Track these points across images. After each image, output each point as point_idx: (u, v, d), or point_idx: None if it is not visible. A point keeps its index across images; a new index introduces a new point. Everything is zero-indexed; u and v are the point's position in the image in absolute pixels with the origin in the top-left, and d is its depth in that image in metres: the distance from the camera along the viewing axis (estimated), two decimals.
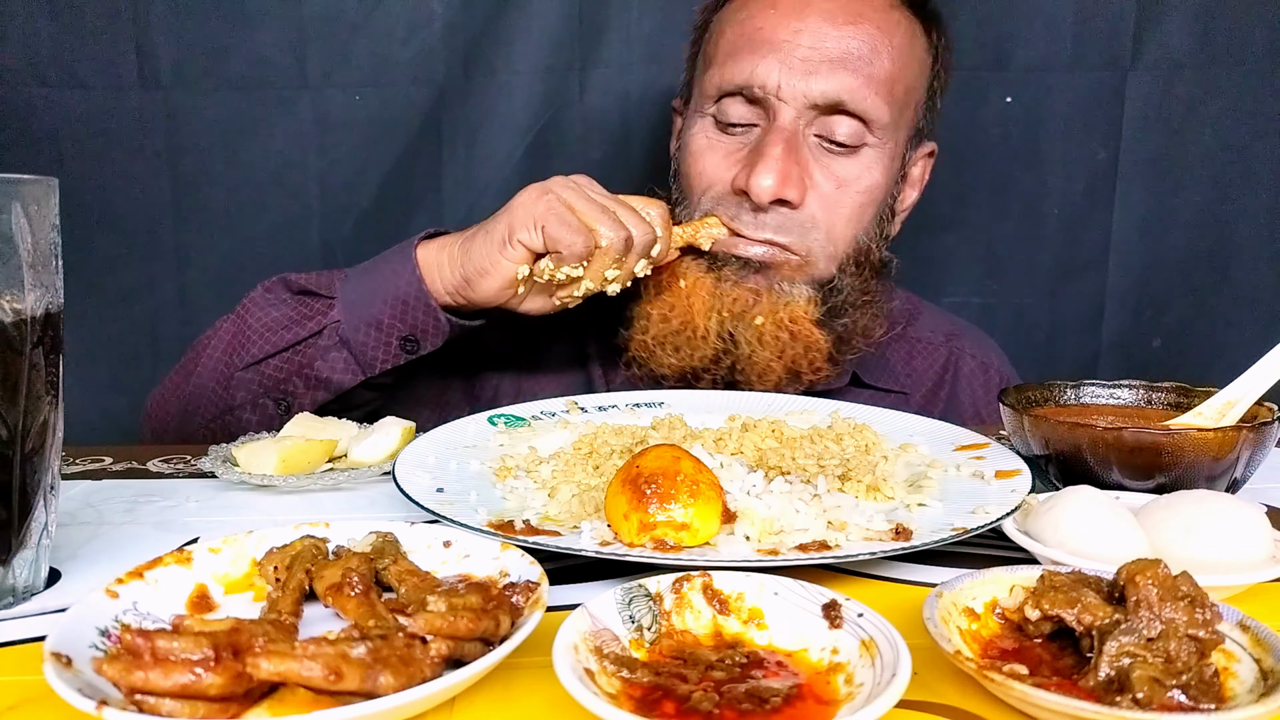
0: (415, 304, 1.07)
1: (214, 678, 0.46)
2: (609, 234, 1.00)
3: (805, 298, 1.11)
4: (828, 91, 1.07)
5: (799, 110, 1.08)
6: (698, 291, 1.11)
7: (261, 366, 1.10)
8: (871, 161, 1.12)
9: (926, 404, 1.30)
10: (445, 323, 1.08)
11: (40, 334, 0.61)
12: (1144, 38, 1.58)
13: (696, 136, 1.16)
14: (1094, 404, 0.96)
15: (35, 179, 0.61)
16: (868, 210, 1.14)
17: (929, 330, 1.35)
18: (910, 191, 1.25)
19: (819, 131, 1.10)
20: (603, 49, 1.59)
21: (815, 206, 1.10)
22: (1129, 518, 0.69)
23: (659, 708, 0.48)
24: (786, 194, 1.08)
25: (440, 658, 0.50)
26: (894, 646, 0.50)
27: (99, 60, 1.53)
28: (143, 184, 1.58)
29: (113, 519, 0.82)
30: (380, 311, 1.08)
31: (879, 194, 1.14)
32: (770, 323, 1.10)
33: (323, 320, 1.09)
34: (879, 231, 1.17)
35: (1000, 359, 1.37)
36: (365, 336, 1.08)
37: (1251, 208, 1.63)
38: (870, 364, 1.28)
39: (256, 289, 1.16)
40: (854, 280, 1.14)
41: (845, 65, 1.07)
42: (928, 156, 1.25)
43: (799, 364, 1.12)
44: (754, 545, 0.69)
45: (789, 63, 1.07)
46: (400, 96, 1.58)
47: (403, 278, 1.07)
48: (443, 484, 0.81)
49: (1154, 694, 0.48)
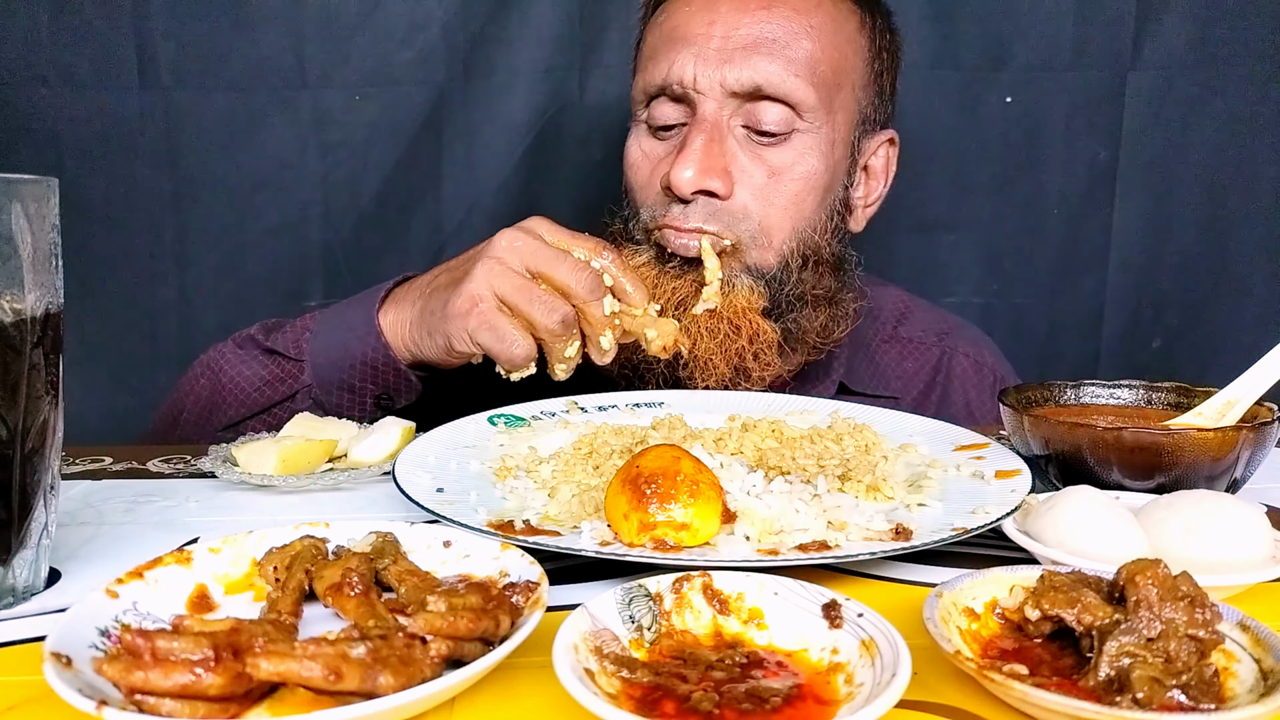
0: (384, 368, 1.05)
1: (214, 678, 0.46)
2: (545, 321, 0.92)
3: (748, 287, 1.09)
4: (743, 78, 1.06)
5: (719, 101, 1.07)
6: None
7: (241, 426, 1.09)
8: (805, 148, 1.09)
9: (917, 406, 1.28)
10: (417, 381, 1.07)
11: (40, 334, 0.61)
12: (1144, 38, 1.58)
13: (631, 147, 1.16)
14: (1094, 404, 0.96)
15: (35, 179, 0.61)
16: (807, 199, 1.10)
17: (920, 330, 1.33)
18: (874, 184, 1.22)
19: (745, 122, 1.08)
20: (603, 49, 1.59)
21: (747, 197, 1.08)
22: (1129, 518, 0.69)
23: (659, 708, 0.48)
24: (708, 184, 1.06)
25: (440, 658, 0.50)
26: (894, 646, 0.50)
27: (99, 60, 1.53)
28: (143, 184, 1.58)
29: (113, 519, 0.82)
30: (350, 375, 1.06)
31: (818, 181, 1.11)
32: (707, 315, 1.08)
33: (294, 385, 1.09)
34: (829, 225, 1.14)
35: (995, 356, 1.35)
36: (338, 399, 1.08)
37: (1251, 208, 1.64)
38: (859, 369, 1.27)
39: (228, 343, 1.14)
40: (803, 275, 1.12)
41: (759, 50, 1.06)
42: (888, 144, 1.22)
43: (744, 357, 1.10)
44: (754, 545, 0.69)
45: (704, 55, 1.07)
46: (400, 96, 1.58)
47: (368, 343, 1.05)
48: (443, 484, 0.81)
49: (1154, 694, 0.48)
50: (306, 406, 1.07)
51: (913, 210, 1.65)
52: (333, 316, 1.11)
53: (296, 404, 1.08)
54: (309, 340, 1.10)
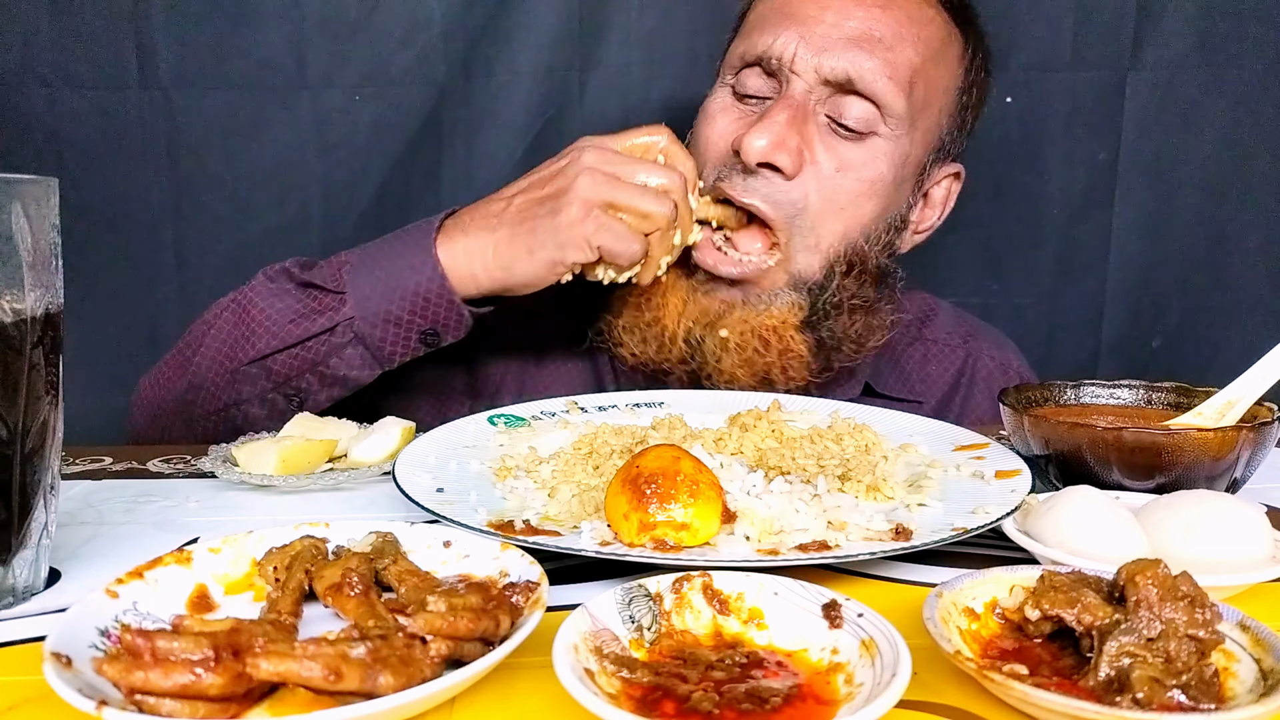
0: (438, 300, 1.04)
1: (214, 678, 0.46)
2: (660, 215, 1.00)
3: (787, 304, 1.09)
4: (838, 68, 1.05)
5: (810, 85, 1.07)
6: (674, 292, 1.11)
7: (269, 362, 1.06)
8: (879, 152, 1.09)
9: (941, 409, 1.28)
10: (469, 316, 1.06)
11: (40, 334, 0.61)
12: (1144, 38, 1.58)
13: (712, 102, 1.16)
14: (1094, 404, 0.96)
15: (35, 179, 0.61)
16: (866, 204, 1.10)
17: (945, 332, 1.33)
18: (930, 212, 1.21)
19: (830, 111, 1.08)
20: (603, 49, 1.59)
21: (810, 184, 1.07)
22: (1129, 518, 0.69)
23: (659, 708, 0.48)
24: (777, 159, 1.05)
25: (440, 658, 0.50)
26: (894, 646, 0.50)
27: (99, 60, 1.53)
28: (143, 184, 1.57)
29: (113, 519, 0.82)
30: (399, 307, 1.04)
31: (882, 189, 1.10)
32: (736, 334, 1.08)
33: (335, 316, 1.05)
34: (882, 236, 1.13)
35: (1019, 359, 1.35)
36: (383, 333, 1.05)
37: (1251, 208, 1.63)
38: (884, 371, 1.26)
39: (258, 276, 1.11)
40: (845, 282, 1.11)
41: (863, 45, 1.06)
42: (953, 178, 1.21)
43: (771, 371, 1.10)
44: (754, 545, 0.69)
45: (808, 37, 1.07)
46: (400, 97, 1.58)
47: (423, 274, 1.03)
48: (443, 484, 0.81)
49: (1154, 694, 0.48)
50: (348, 341, 1.05)
51: None
52: (376, 250, 1.08)
53: (336, 336, 1.05)
54: (348, 273, 1.07)
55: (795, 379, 1.11)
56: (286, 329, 1.06)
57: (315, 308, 1.07)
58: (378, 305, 1.05)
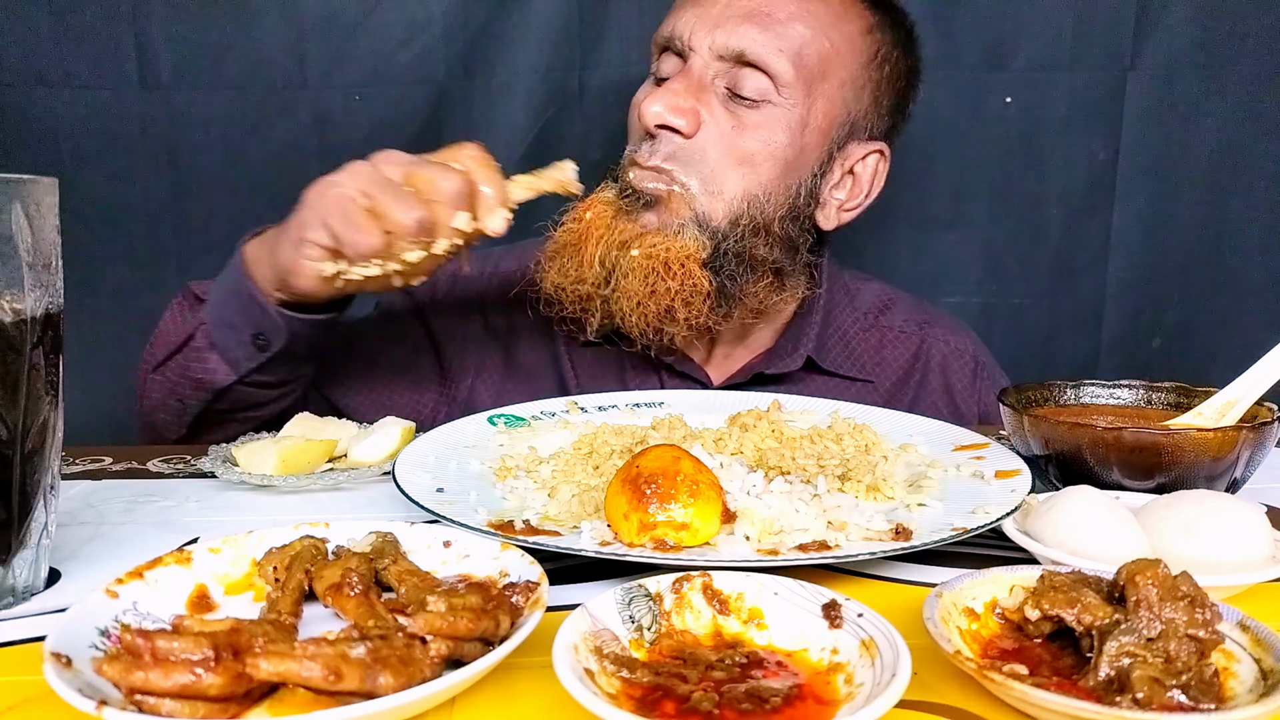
0: (250, 302, 1.05)
1: (214, 678, 0.46)
2: (402, 218, 0.92)
3: (692, 238, 1.12)
4: (730, 43, 1.12)
5: (707, 60, 1.13)
6: (597, 221, 1.13)
7: (163, 369, 1.12)
8: (774, 118, 1.14)
9: (895, 391, 1.31)
10: (280, 319, 1.05)
11: (40, 334, 0.61)
12: (1144, 38, 1.58)
13: (637, 93, 1.21)
14: (1094, 404, 0.96)
15: (35, 179, 0.61)
16: (763, 165, 1.14)
17: (901, 319, 1.36)
18: (856, 190, 1.24)
19: (728, 84, 1.13)
20: (603, 49, 1.59)
21: (708, 140, 1.13)
22: (1129, 518, 0.69)
23: (659, 708, 0.48)
24: (673, 120, 1.11)
25: (440, 658, 0.50)
26: (894, 646, 0.50)
27: (99, 60, 1.53)
28: (143, 184, 1.58)
29: (113, 519, 0.82)
30: (229, 312, 1.07)
31: (779, 152, 1.14)
32: (645, 255, 1.11)
33: (195, 323, 1.10)
34: (785, 201, 1.17)
35: (976, 345, 1.37)
36: (224, 336, 1.08)
37: (1251, 208, 1.63)
38: (831, 349, 1.28)
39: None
40: (748, 238, 1.14)
41: (753, 20, 1.12)
42: (878, 156, 1.24)
43: (672, 299, 1.12)
44: (754, 545, 0.69)
45: (704, 17, 1.13)
46: (400, 97, 1.58)
47: (236, 276, 1.06)
48: (443, 484, 0.81)
49: (1154, 694, 0.48)
50: (206, 345, 1.08)
51: (913, 210, 1.65)
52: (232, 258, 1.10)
53: (196, 341, 1.09)
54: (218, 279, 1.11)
55: (696, 315, 1.14)
56: (170, 338, 1.12)
57: (189, 316, 1.12)
58: (218, 310, 1.08)
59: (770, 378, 1.25)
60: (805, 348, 1.26)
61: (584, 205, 1.14)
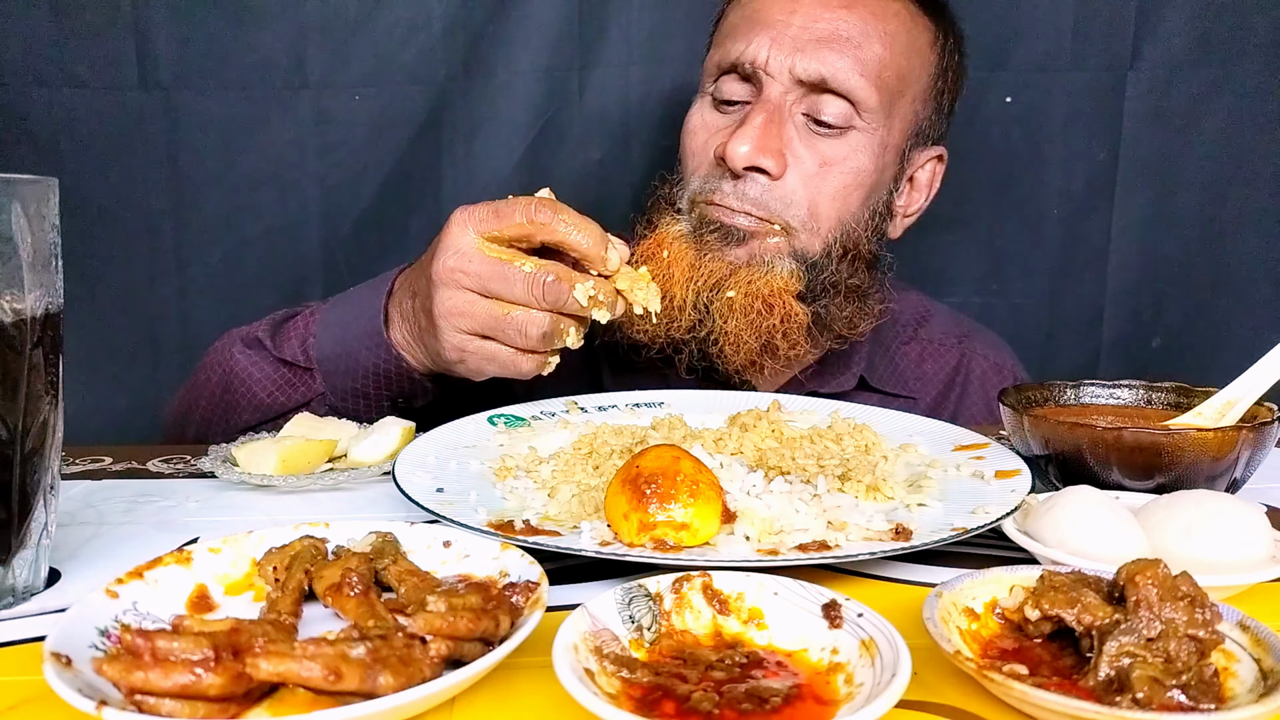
0: (399, 377, 1.04)
1: (214, 678, 0.46)
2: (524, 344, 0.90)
3: (788, 272, 1.11)
4: (811, 69, 1.09)
5: (786, 86, 1.10)
6: (678, 262, 1.12)
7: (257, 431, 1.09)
8: (859, 145, 1.12)
9: (936, 407, 1.30)
10: (433, 388, 1.07)
11: (40, 334, 0.61)
12: (1144, 38, 1.58)
13: (693, 116, 1.19)
14: (1094, 404, 0.96)
15: (35, 179, 0.61)
16: (854, 194, 1.13)
17: (940, 332, 1.35)
18: (916, 195, 1.25)
19: (807, 110, 1.11)
20: (603, 49, 1.59)
21: (797, 181, 1.11)
22: (1129, 518, 0.69)
23: (659, 708, 0.48)
24: (762, 162, 1.08)
25: (440, 658, 0.50)
26: (894, 646, 0.50)
27: (99, 60, 1.53)
28: (143, 184, 1.57)
29: (113, 519, 0.82)
30: (364, 385, 1.06)
31: (866, 179, 1.14)
32: (742, 295, 1.10)
33: (308, 391, 1.09)
34: (870, 223, 1.16)
35: (1013, 360, 1.37)
36: (354, 404, 1.08)
37: (1252, 208, 1.63)
38: (879, 367, 1.28)
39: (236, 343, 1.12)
40: (840, 266, 1.14)
41: (832, 45, 1.09)
42: (936, 160, 1.25)
43: (773, 336, 1.11)
44: (754, 545, 0.69)
45: (780, 40, 1.10)
46: (400, 96, 1.58)
47: (379, 355, 1.04)
48: (443, 484, 0.81)
49: (1154, 694, 0.48)
50: (325, 411, 1.07)
51: None
52: (336, 322, 1.09)
53: (313, 409, 1.08)
54: (314, 347, 1.09)
55: (796, 347, 1.13)
56: (265, 402, 1.10)
57: (291, 379, 1.10)
58: (343, 383, 1.07)
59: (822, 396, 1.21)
60: (858, 365, 1.25)
61: (654, 242, 1.12)
